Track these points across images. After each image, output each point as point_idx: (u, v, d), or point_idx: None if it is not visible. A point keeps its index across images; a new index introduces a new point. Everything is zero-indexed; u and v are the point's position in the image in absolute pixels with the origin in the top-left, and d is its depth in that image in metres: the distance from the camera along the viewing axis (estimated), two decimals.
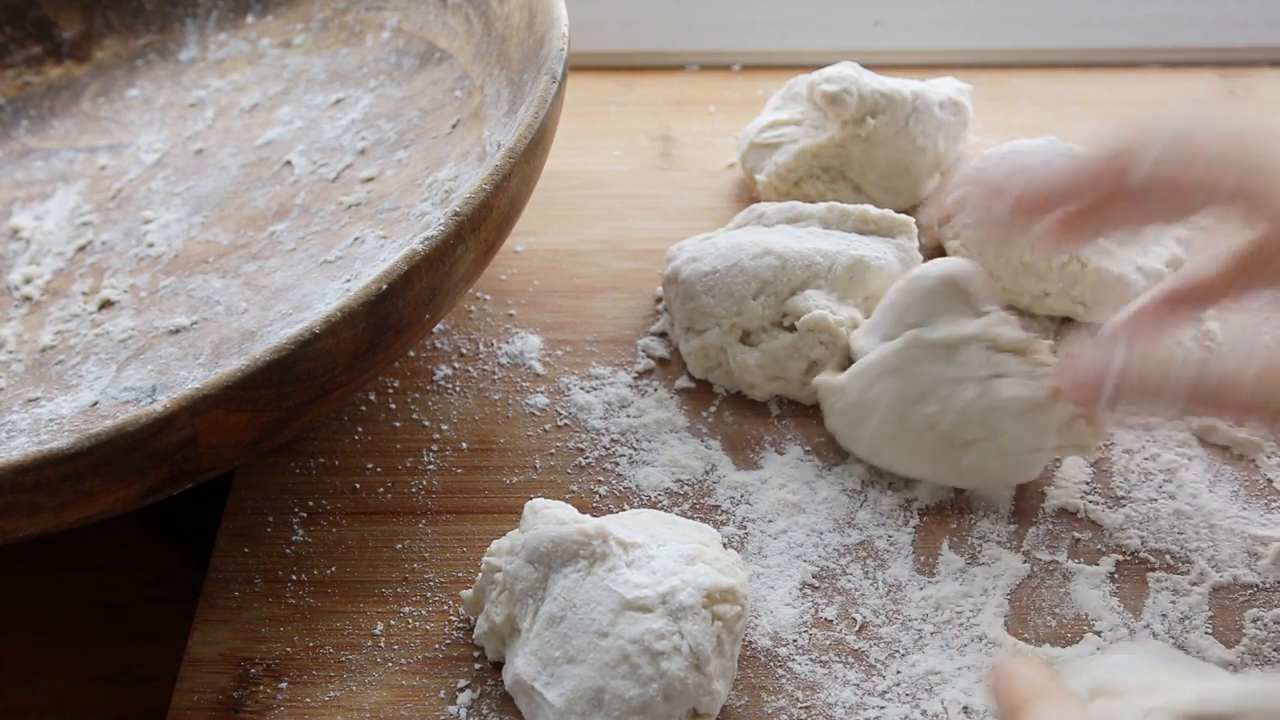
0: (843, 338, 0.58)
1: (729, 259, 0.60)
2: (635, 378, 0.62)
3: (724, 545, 0.51)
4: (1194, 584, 0.52)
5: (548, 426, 0.60)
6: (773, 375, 0.60)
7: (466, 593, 0.51)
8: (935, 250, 0.68)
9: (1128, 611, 0.51)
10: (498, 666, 0.50)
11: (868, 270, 0.60)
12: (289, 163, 0.71)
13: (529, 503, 0.50)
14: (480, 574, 0.50)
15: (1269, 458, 0.57)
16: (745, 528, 0.55)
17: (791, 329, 0.60)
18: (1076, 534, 0.55)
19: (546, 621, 0.47)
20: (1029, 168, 0.48)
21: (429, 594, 0.53)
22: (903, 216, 0.63)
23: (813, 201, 0.67)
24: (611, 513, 0.55)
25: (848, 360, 0.59)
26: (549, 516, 0.49)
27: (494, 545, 0.51)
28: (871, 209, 0.63)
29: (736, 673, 0.49)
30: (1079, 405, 0.52)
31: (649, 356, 0.63)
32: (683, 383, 0.62)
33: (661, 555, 0.48)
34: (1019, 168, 0.49)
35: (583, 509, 0.52)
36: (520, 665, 0.47)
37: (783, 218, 0.64)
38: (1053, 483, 0.57)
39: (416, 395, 0.62)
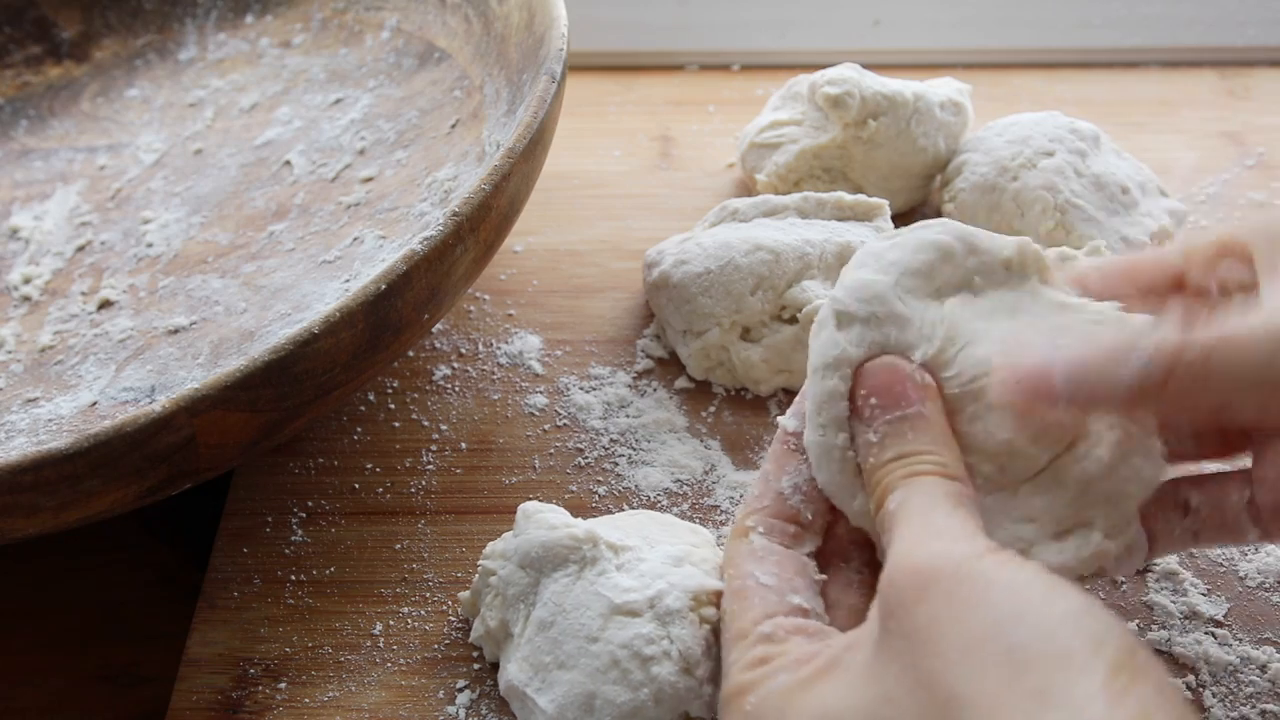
0: None
1: (720, 258, 0.60)
2: (634, 378, 0.62)
3: (720, 545, 0.51)
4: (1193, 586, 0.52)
5: (547, 427, 0.60)
6: (778, 369, 0.60)
7: (464, 594, 0.51)
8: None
9: (1119, 608, 0.51)
10: (496, 667, 0.50)
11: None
12: (288, 163, 0.71)
13: (521, 506, 0.50)
14: (476, 576, 0.50)
15: None
16: None
17: (791, 321, 0.60)
18: None
19: (537, 627, 0.47)
20: None
21: (428, 594, 0.53)
22: (876, 200, 0.64)
23: None
24: (610, 513, 0.55)
25: None
26: (540, 521, 0.49)
27: (489, 548, 0.50)
28: (845, 195, 0.63)
29: None
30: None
31: (648, 357, 0.63)
32: (682, 383, 0.62)
33: (651, 558, 0.48)
34: None
35: (581, 509, 0.52)
36: (513, 671, 0.47)
37: (758, 212, 0.63)
38: None
39: (416, 395, 0.62)
